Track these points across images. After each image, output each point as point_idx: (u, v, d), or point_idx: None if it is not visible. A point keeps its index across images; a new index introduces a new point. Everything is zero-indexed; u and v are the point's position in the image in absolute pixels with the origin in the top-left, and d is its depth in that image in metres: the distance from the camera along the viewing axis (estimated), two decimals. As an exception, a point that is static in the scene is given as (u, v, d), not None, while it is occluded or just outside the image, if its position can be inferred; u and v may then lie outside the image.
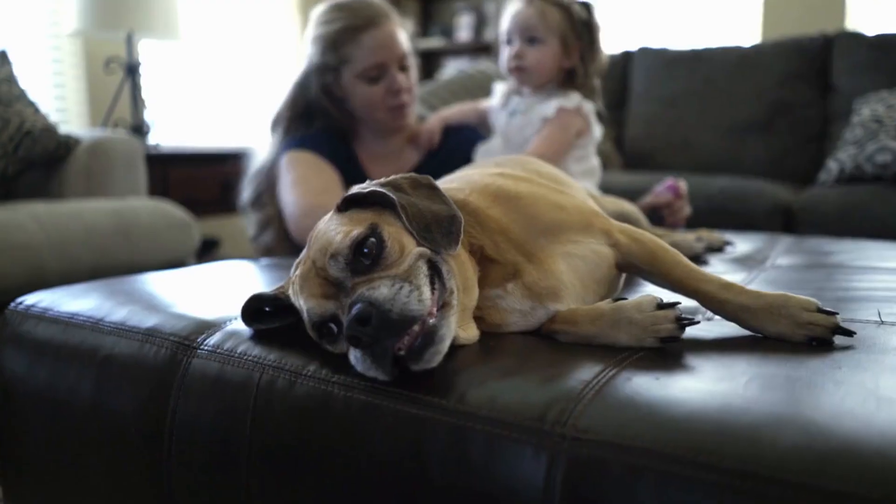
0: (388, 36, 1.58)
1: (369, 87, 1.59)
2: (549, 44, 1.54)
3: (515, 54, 1.56)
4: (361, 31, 1.56)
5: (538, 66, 1.56)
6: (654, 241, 0.86)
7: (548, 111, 1.53)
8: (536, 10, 1.54)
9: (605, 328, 0.74)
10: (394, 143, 1.71)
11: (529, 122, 1.56)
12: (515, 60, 1.57)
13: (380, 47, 1.57)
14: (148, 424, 0.81)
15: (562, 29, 1.53)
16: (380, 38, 1.57)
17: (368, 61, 1.57)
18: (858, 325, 0.82)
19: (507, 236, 0.81)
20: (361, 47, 1.56)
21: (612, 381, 0.62)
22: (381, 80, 1.59)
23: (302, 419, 0.69)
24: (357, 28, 1.56)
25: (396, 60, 1.60)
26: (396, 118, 1.64)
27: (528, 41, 1.55)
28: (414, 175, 0.79)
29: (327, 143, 1.64)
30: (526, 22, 1.55)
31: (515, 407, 0.60)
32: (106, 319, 0.91)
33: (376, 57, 1.57)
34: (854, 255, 1.38)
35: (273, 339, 0.79)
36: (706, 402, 0.57)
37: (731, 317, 0.78)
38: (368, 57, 1.56)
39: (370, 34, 1.56)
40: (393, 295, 0.63)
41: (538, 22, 1.53)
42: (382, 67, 1.58)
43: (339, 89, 1.62)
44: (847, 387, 0.59)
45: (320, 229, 0.74)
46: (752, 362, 0.66)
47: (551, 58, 1.55)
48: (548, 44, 1.54)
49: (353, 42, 1.56)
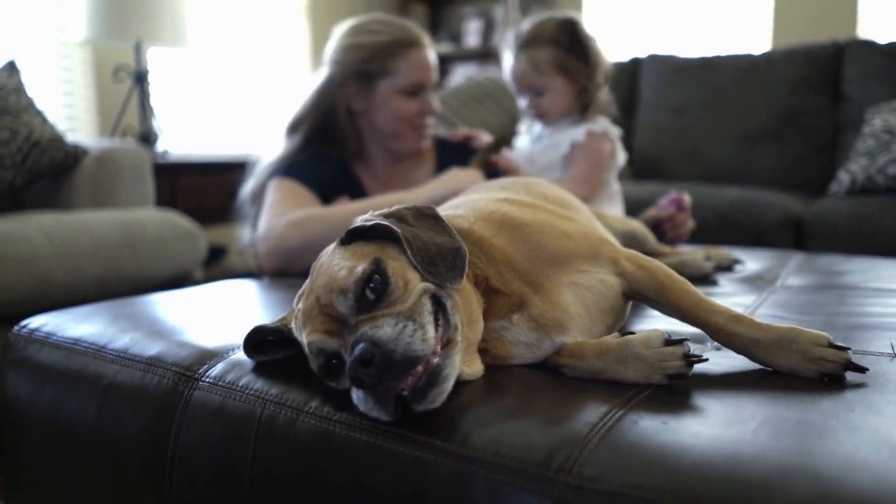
0: (430, 58, 1.65)
1: (406, 101, 1.62)
2: (553, 85, 1.58)
3: (528, 106, 1.63)
4: (410, 47, 1.60)
5: (554, 107, 1.60)
6: (661, 269, 0.84)
7: (578, 135, 1.57)
8: (527, 61, 1.58)
9: (611, 363, 0.73)
10: (402, 165, 1.71)
11: (556, 144, 1.59)
12: (532, 110, 1.63)
13: (424, 67, 1.62)
14: (149, 453, 0.80)
15: (558, 63, 1.56)
16: (424, 58, 1.62)
17: (412, 77, 1.61)
18: (871, 358, 0.80)
19: (512, 266, 0.80)
20: (408, 63, 1.60)
21: (618, 424, 0.61)
22: (417, 97, 1.63)
23: (303, 456, 0.68)
24: (406, 44, 1.60)
25: (432, 84, 1.65)
26: (418, 138, 1.67)
27: (535, 93, 1.60)
28: (418, 205, 0.78)
29: (318, 169, 1.64)
30: (523, 78, 1.60)
31: (519, 452, 0.59)
32: (108, 347, 0.90)
33: (420, 75, 1.61)
34: (866, 275, 1.36)
35: (275, 372, 0.78)
36: (715, 449, 0.55)
37: (741, 350, 0.76)
38: (413, 73, 1.61)
39: (418, 52, 1.61)
40: (396, 335, 0.62)
41: (533, 74, 1.58)
42: (422, 86, 1.63)
43: (364, 102, 1.63)
44: (861, 433, 0.58)
45: (323, 263, 0.74)
46: (761, 403, 0.64)
47: (562, 95, 1.59)
48: (552, 86, 1.58)
49: (401, 56, 1.60)
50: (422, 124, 1.65)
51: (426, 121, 1.66)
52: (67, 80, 3.26)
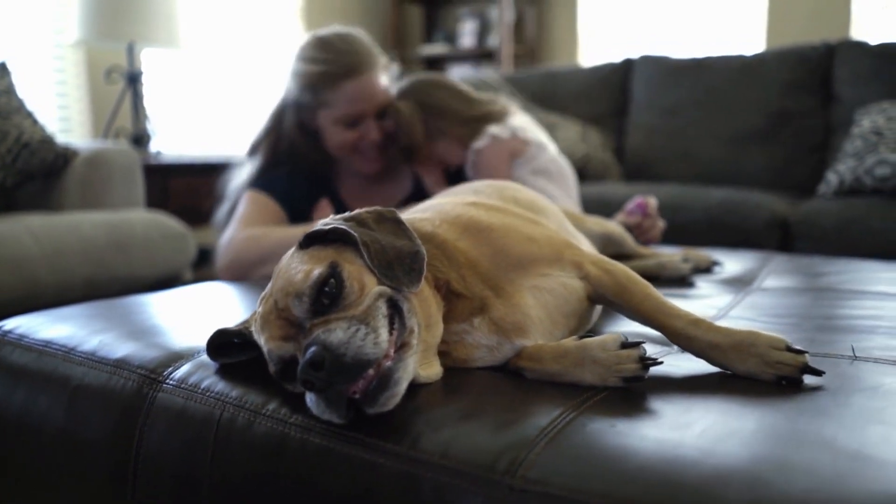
0: (368, 86, 1.55)
1: (343, 131, 1.58)
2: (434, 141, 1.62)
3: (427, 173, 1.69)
4: (342, 78, 1.53)
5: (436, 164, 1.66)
6: (625, 273, 0.85)
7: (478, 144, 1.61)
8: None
9: (569, 366, 0.73)
10: (378, 179, 1.71)
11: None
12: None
13: (359, 99, 1.55)
14: (114, 456, 0.80)
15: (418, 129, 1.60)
16: (360, 88, 1.54)
17: (346, 110, 1.56)
18: (832, 360, 0.81)
19: (475, 269, 0.80)
20: (340, 95, 1.54)
21: (567, 427, 0.61)
22: (357, 126, 1.58)
23: (259, 459, 0.69)
24: (339, 75, 1.54)
25: (374, 109, 1.58)
26: (367, 162, 1.64)
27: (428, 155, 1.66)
28: (379, 209, 0.79)
29: (292, 183, 1.64)
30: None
31: (467, 455, 0.59)
32: (78, 349, 0.91)
33: (355, 107, 1.56)
34: (845, 276, 1.37)
35: (238, 374, 0.78)
36: (658, 453, 0.56)
37: (700, 353, 0.77)
38: (347, 106, 1.55)
39: (351, 83, 1.54)
40: (348, 338, 0.62)
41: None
42: (359, 116, 1.57)
43: (314, 125, 1.62)
44: (806, 437, 0.58)
45: (282, 266, 0.74)
46: (711, 407, 0.65)
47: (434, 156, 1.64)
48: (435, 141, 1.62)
49: (333, 89, 1.54)
50: (365, 150, 1.61)
51: (371, 147, 1.60)
52: (61, 82, 3.27)
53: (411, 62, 5.27)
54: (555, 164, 1.61)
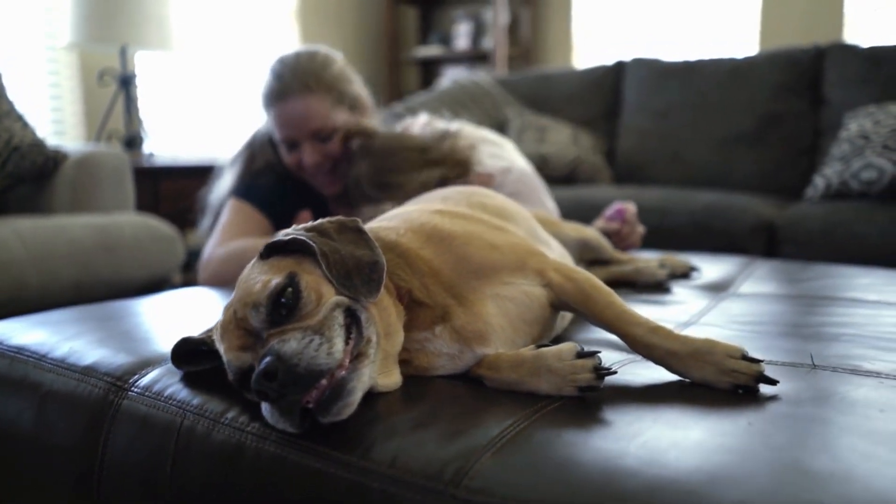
0: (294, 111, 1.52)
1: (286, 153, 1.59)
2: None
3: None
4: (273, 102, 1.55)
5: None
6: (589, 280, 0.85)
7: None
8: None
9: (526, 375, 0.74)
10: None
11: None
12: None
13: (287, 123, 1.54)
14: (81, 462, 0.81)
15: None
16: (289, 112, 1.53)
17: (280, 133, 1.56)
18: (791, 369, 0.81)
19: (437, 278, 0.81)
20: (275, 118, 1.56)
21: (516, 437, 0.62)
22: (295, 149, 1.58)
23: (217, 467, 0.70)
24: (269, 98, 1.55)
25: (307, 135, 1.54)
26: (322, 186, 1.63)
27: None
28: (341, 218, 0.80)
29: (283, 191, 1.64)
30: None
31: (415, 464, 0.60)
32: (49, 356, 0.92)
33: (284, 132, 1.55)
34: (820, 282, 1.37)
35: (202, 382, 0.79)
36: (600, 463, 0.57)
37: (658, 361, 0.78)
38: (279, 129, 1.56)
39: (282, 106, 1.53)
40: (301, 349, 0.63)
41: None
42: (291, 142, 1.56)
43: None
44: (747, 447, 0.59)
45: (242, 277, 0.75)
46: (661, 417, 0.66)
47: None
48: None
49: (270, 110, 1.56)
50: (312, 173, 1.59)
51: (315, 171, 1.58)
52: (54, 84, 3.29)
53: (406, 64, 5.28)
54: (521, 182, 1.59)
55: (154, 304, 1.24)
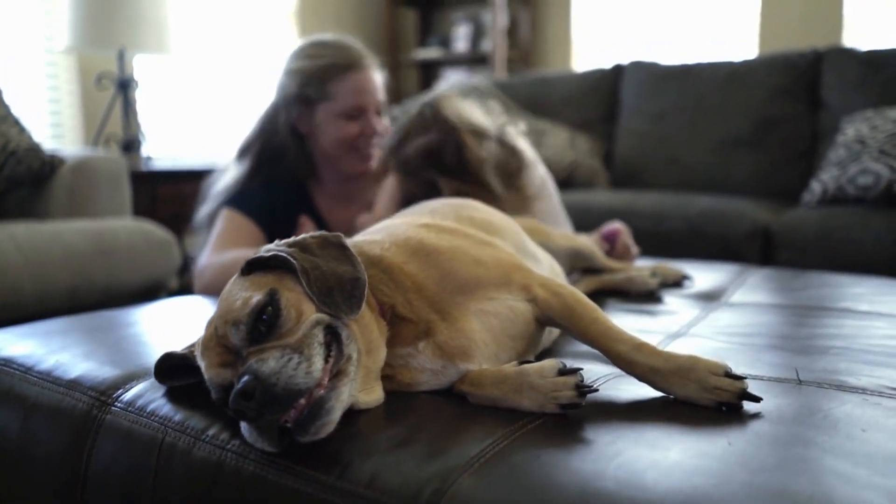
0: (371, 80, 1.63)
1: (346, 125, 1.62)
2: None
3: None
4: (348, 70, 1.60)
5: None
6: (573, 296, 0.85)
7: None
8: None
9: (508, 392, 0.74)
10: (355, 185, 1.72)
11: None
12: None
13: (363, 90, 1.61)
14: (64, 477, 0.81)
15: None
16: (363, 80, 1.61)
17: (351, 102, 1.61)
18: (776, 385, 0.81)
19: (421, 293, 0.81)
20: (346, 87, 1.60)
21: (495, 457, 0.62)
22: (357, 120, 1.63)
23: (197, 484, 0.69)
24: (344, 67, 1.60)
25: (374, 106, 1.64)
26: (363, 161, 1.67)
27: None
28: (325, 234, 0.80)
29: (274, 197, 1.65)
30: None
31: (393, 485, 0.60)
32: (34, 369, 0.92)
33: (358, 99, 1.61)
34: (812, 292, 1.37)
35: (185, 398, 0.79)
36: (577, 485, 0.56)
37: (641, 378, 0.77)
38: (352, 97, 1.60)
39: (356, 75, 1.60)
40: (280, 368, 0.63)
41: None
42: (362, 110, 1.62)
43: (307, 125, 1.64)
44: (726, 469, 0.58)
45: (224, 293, 0.75)
46: (642, 437, 0.65)
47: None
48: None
49: (339, 80, 1.60)
50: (364, 146, 1.65)
51: (369, 143, 1.65)
52: (53, 88, 3.29)
53: (406, 66, 5.28)
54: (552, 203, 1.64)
55: (144, 315, 1.24)
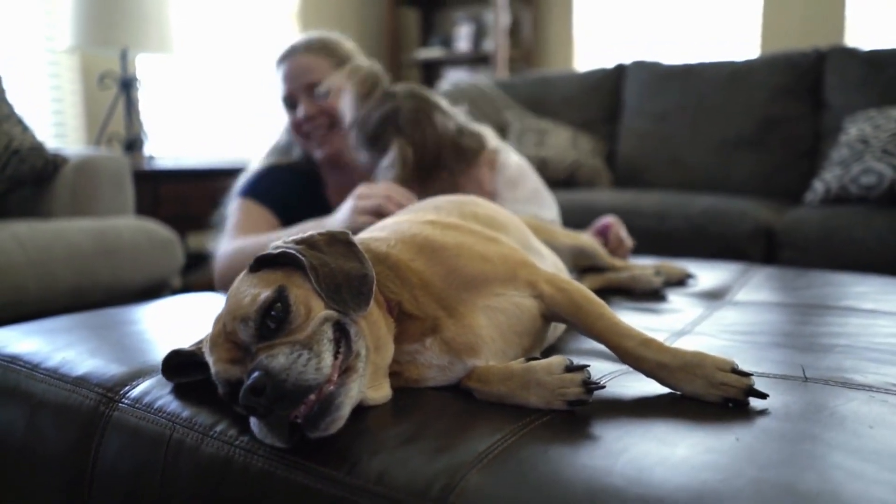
0: (296, 67, 1.67)
1: (287, 114, 1.72)
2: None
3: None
4: (280, 64, 1.71)
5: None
6: (580, 292, 0.85)
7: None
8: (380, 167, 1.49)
9: (515, 389, 0.74)
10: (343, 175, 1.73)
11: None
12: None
13: (285, 79, 1.69)
14: (71, 473, 0.82)
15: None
16: (289, 69, 1.68)
17: (282, 92, 1.70)
18: (782, 382, 0.81)
19: (427, 290, 0.81)
20: (279, 77, 1.71)
21: (503, 453, 0.62)
22: (295, 109, 1.69)
23: (205, 480, 0.70)
24: (278, 61, 1.72)
25: (303, 89, 1.66)
26: (314, 146, 1.71)
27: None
28: (332, 231, 0.80)
29: (281, 182, 1.70)
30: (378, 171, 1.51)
31: (402, 481, 0.60)
32: (41, 366, 0.92)
33: (284, 86, 1.69)
34: (816, 291, 1.37)
35: (192, 394, 0.79)
36: (585, 481, 0.57)
37: (649, 373, 0.77)
38: (282, 88, 1.70)
39: (285, 65, 1.69)
40: (290, 364, 0.63)
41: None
42: (292, 97, 1.69)
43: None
44: (734, 465, 0.58)
45: (232, 289, 0.75)
46: (649, 433, 0.65)
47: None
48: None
49: (277, 75, 1.72)
50: (311, 130, 1.69)
51: (314, 126, 1.68)
52: (55, 87, 3.29)
53: (407, 66, 5.28)
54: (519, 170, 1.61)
55: (149, 312, 1.24)
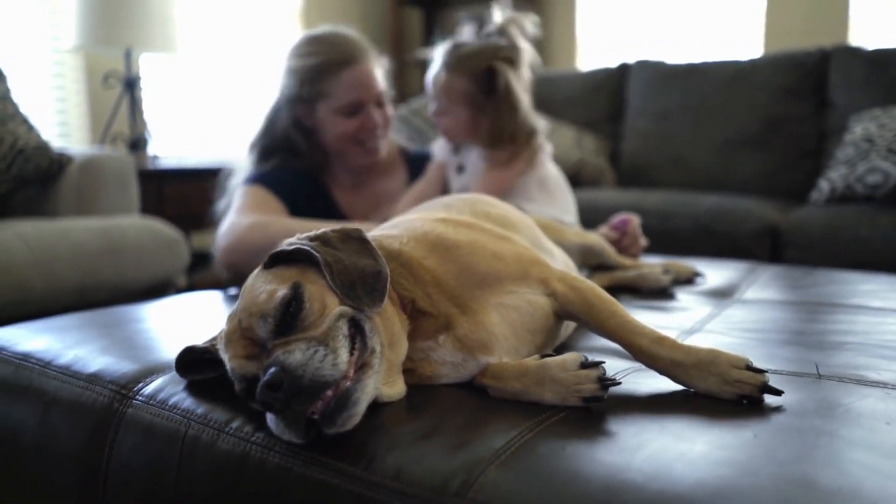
0: (366, 74, 1.60)
1: (345, 121, 1.60)
2: (456, 113, 1.59)
3: (433, 116, 1.65)
4: (341, 67, 1.58)
5: (451, 131, 1.62)
6: (592, 290, 0.85)
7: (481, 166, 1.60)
8: (444, 81, 1.58)
9: (530, 385, 0.74)
10: (371, 175, 1.72)
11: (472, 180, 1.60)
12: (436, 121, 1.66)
13: (359, 85, 1.59)
14: (84, 470, 0.82)
15: (468, 98, 1.56)
16: (359, 75, 1.59)
17: (347, 98, 1.58)
18: (796, 379, 0.81)
19: (440, 287, 0.81)
20: (340, 84, 1.58)
21: (520, 449, 0.62)
22: (356, 115, 1.61)
23: (222, 476, 0.70)
24: (337, 63, 1.58)
25: (373, 98, 1.62)
26: (367, 154, 1.66)
27: (439, 109, 1.62)
28: (345, 228, 0.80)
29: (289, 180, 1.65)
30: (435, 91, 1.61)
31: (420, 477, 0.60)
32: (53, 363, 0.92)
33: (355, 94, 1.59)
34: (824, 289, 1.37)
35: (206, 391, 0.79)
36: (604, 477, 0.57)
37: (663, 371, 0.78)
38: (347, 94, 1.58)
39: (350, 71, 1.58)
40: (306, 360, 0.63)
41: (443, 93, 1.59)
42: (360, 104, 1.60)
43: (311, 121, 1.63)
44: (752, 461, 0.58)
45: (247, 286, 0.75)
46: (666, 429, 0.65)
47: (461, 124, 1.60)
48: (454, 114, 1.59)
49: (333, 77, 1.58)
50: (367, 139, 1.63)
51: (373, 136, 1.63)
52: (59, 87, 3.29)
53: (410, 66, 5.28)
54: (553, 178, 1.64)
55: (157, 310, 1.25)
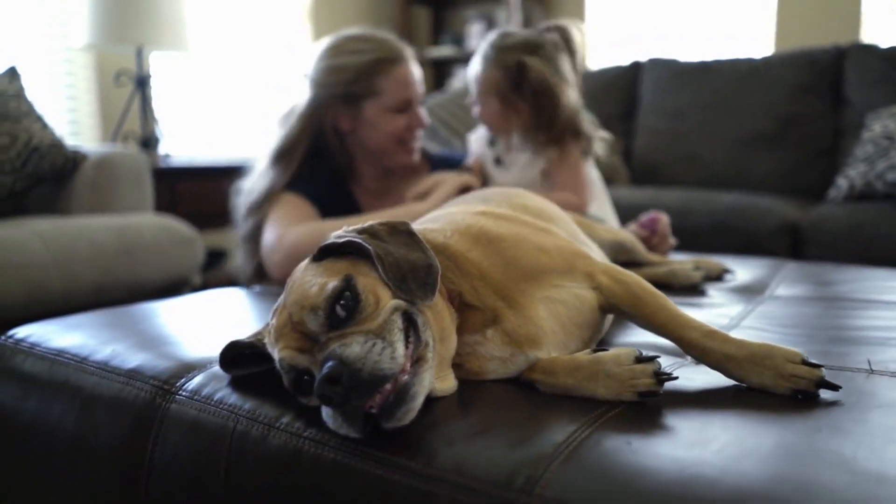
0: (413, 72, 1.62)
1: (395, 118, 1.59)
2: (487, 104, 1.60)
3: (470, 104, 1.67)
4: (394, 64, 1.57)
5: (488, 122, 1.64)
6: (638, 283, 0.84)
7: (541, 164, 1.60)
8: (478, 71, 1.61)
9: (583, 380, 0.73)
10: (396, 180, 1.71)
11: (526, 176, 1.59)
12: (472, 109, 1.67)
13: (410, 83, 1.60)
14: (126, 465, 0.81)
15: (498, 90, 1.57)
16: (408, 73, 1.60)
17: (399, 95, 1.58)
18: (848, 374, 0.80)
19: (486, 281, 0.80)
20: (394, 80, 1.57)
21: (583, 444, 0.61)
22: (405, 113, 1.61)
23: (274, 472, 0.69)
24: (388, 61, 1.57)
25: (418, 97, 1.63)
26: (408, 154, 1.66)
27: (474, 98, 1.64)
28: (392, 221, 0.79)
29: (316, 184, 1.63)
30: (472, 81, 1.63)
31: (482, 471, 0.59)
32: (90, 358, 0.91)
33: (406, 92, 1.59)
34: (856, 285, 1.36)
35: (250, 386, 0.78)
36: (674, 472, 0.55)
37: (714, 365, 0.76)
38: (400, 91, 1.58)
39: (401, 68, 1.58)
40: (365, 353, 0.62)
41: (477, 83, 1.61)
42: (409, 102, 1.60)
43: (349, 123, 1.61)
44: (824, 455, 0.57)
45: (296, 279, 0.74)
46: (728, 423, 0.64)
47: (493, 115, 1.61)
48: (486, 104, 1.61)
49: (385, 75, 1.57)
50: (410, 139, 1.63)
51: (415, 135, 1.64)
52: (70, 85, 3.28)
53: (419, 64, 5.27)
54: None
55: (182, 307, 1.23)
